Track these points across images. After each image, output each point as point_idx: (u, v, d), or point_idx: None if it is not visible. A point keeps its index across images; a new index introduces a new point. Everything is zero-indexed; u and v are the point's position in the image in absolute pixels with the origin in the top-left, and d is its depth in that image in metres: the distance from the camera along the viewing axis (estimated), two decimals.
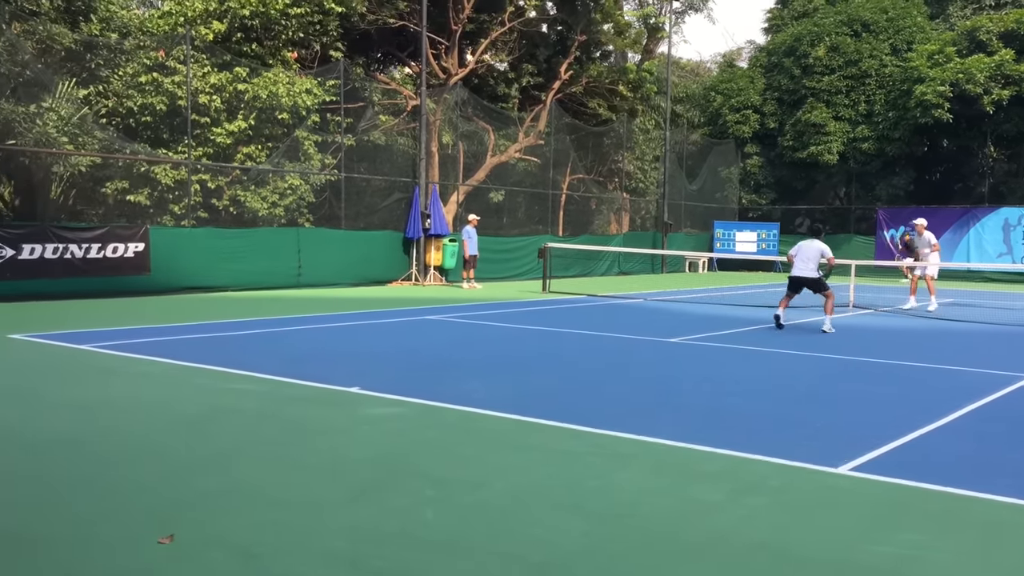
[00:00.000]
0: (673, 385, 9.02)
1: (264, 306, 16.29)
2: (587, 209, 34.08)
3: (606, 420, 7.04)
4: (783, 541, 4.44)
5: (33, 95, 18.08)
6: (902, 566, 4.15)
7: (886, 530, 4.63)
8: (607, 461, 5.93)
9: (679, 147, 37.22)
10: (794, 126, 35.80)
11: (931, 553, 4.32)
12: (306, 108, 21.70)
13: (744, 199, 38.48)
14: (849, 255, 32.34)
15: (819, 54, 35.48)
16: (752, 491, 5.27)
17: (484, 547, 4.29)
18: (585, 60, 31.77)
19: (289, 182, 21.72)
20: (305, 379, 8.62)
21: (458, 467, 5.72)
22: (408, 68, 30.11)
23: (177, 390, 8.12)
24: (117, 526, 4.48)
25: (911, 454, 6.23)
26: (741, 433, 6.77)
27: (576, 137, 31.50)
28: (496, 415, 7.22)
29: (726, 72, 41.43)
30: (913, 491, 5.33)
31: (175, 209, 19.98)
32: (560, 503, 5.00)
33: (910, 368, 10.39)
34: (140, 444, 6.15)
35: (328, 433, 6.57)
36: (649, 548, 4.33)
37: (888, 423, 7.14)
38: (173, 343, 11.15)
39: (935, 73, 31.51)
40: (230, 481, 5.29)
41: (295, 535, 4.38)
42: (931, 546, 4.41)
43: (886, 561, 4.20)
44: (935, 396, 8.55)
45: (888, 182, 34.76)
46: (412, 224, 23.95)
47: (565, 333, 13.27)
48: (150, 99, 19.79)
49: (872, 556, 4.25)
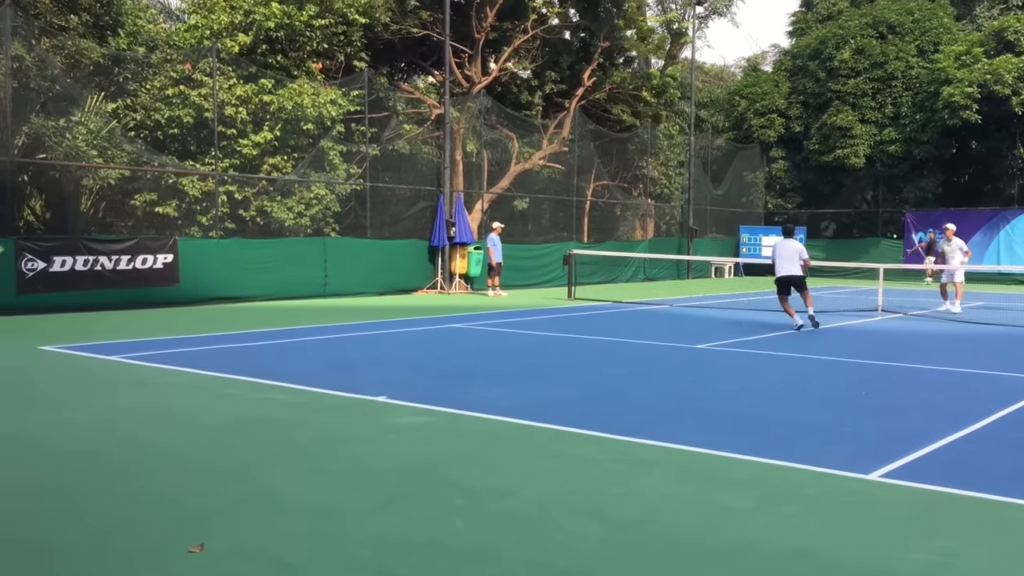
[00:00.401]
0: (699, 391, 8.96)
1: (291, 316, 16.39)
2: (612, 215, 34.01)
3: (631, 427, 7.02)
4: (814, 548, 4.40)
5: (63, 109, 18.33)
6: (936, 573, 4.09)
7: (919, 537, 4.57)
8: (631, 468, 5.91)
9: (704, 152, 37.07)
10: (820, 129, 35.56)
11: (965, 560, 4.26)
12: (331, 118, 21.84)
13: (770, 203, 38.25)
14: (877, 259, 32.09)
15: (844, 57, 35.23)
16: (781, 498, 5.22)
17: (511, 555, 4.28)
18: (608, 66, 31.75)
19: (315, 192, 21.85)
20: (332, 388, 8.66)
21: (485, 475, 5.72)
22: (432, 77, 30.22)
23: (206, 400, 8.18)
24: (148, 536, 4.51)
25: (944, 460, 6.16)
26: (769, 439, 6.72)
27: (600, 143, 31.46)
28: (522, 423, 7.22)
29: (750, 76, 41.25)
30: (946, 497, 5.26)
31: (203, 220, 20.16)
32: (585, 510, 4.98)
33: (941, 373, 10.27)
34: (169, 454, 6.20)
35: (355, 442, 6.59)
36: (674, 555, 4.30)
37: (920, 428, 7.06)
38: (201, 353, 11.23)
39: (962, 74, 31.20)
40: (259, 490, 5.32)
41: (324, 544, 4.39)
42: (965, 553, 4.35)
43: (920, 568, 4.14)
44: (967, 401, 8.44)
45: (916, 185, 34.44)
46: (437, 232, 24.01)
47: (590, 340, 13.24)
48: (177, 112, 20.00)
49: (905, 563, 4.20)
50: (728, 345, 12.54)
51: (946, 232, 20.26)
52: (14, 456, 6.07)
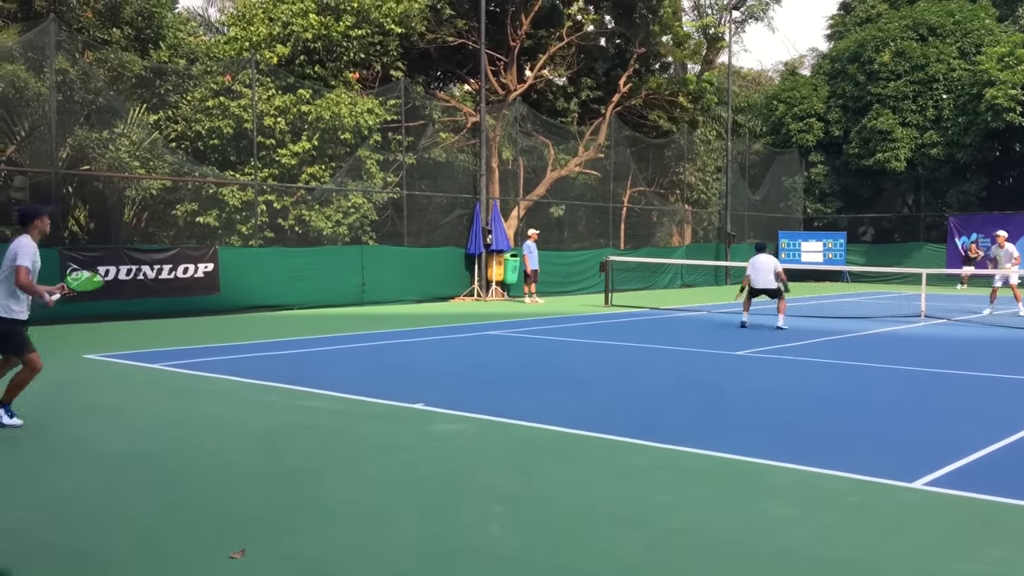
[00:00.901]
0: (740, 399, 8.89)
1: (329, 323, 16.50)
2: (648, 222, 33.86)
3: (671, 434, 6.97)
4: (858, 558, 4.34)
5: (106, 121, 18.66)
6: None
7: (966, 546, 4.49)
8: (673, 476, 5.87)
9: (741, 157, 36.81)
10: (859, 133, 35.14)
11: (1016, 572, 4.17)
12: (368, 127, 22.00)
13: (809, 208, 37.85)
14: (920, 264, 31.62)
15: (884, 59, 34.81)
16: (824, 506, 5.16)
17: (551, 562, 4.27)
18: (644, 72, 31.66)
19: (352, 201, 22.02)
20: (371, 396, 8.70)
21: (524, 483, 5.71)
22: (467, 85, 30.33)
23: (249, 408, 8.26)
24: (189, 542, 4.56)
25: (990, 468, 6.05)
26: (811, 447, 6.65)
27: (636, 150, 31.36)
28: (561, 430, 7.20)
29: (788, 80, 40.88)
30: (994, 506, 5.16)
31: (243, 229, 20.39)
32: (625, 518, 4.95)
33: (986, 379, 10.09)
34: (213, 460, 6.26)
35: (394, 449, 6.62)
36: (718, 563, 4.27)
37: (965, 436, 6.94)
38: (243, 361, 11.35)
39: (1006, 76, 30.68)
40: (301, 497, 5.36)
41: (365, 551, 4.41)
42: (1017, 564, 4.26)
43: None
44: (1013, 408, 8.28)
45: (959, 188, 33.90)
46: (473, 240, 24.07)
47: (628, 347, 13.18)
48: (217, 123, 20.27)
49: (952, 574, 4.13)
50: (767, 352, 12.42)
51: (998, 239, 20.04)
52: (66, 462, 6.17)
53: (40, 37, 16.95)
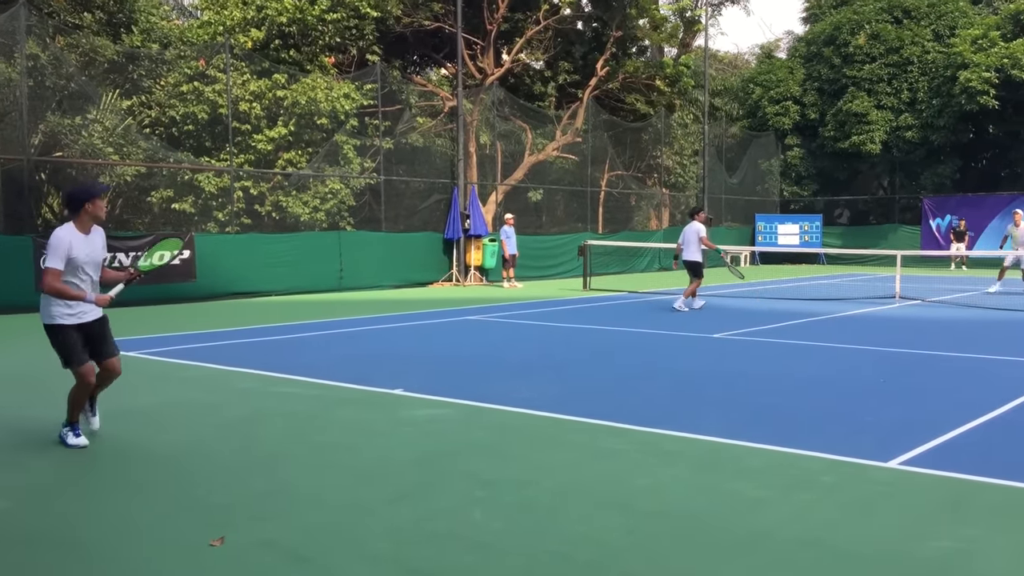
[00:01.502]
0: (716, 381, 8.95)
1: (307, 310, 16.45)
2: (626, 205, 33.91)
3: (651, 418, 7.01)
4: (833, 537, 4.39)
5: (78, 107, 18.44)
6: (956, 561, 4.08)
7: (938, 524, 4.55)
8: (651, 458, 5.91)
9: (718, 141, 36.90)
10: (835, 116, 35.32)
11: (986, 548, 4.24)
12: (344, 112, 21.87)
13: (786, 191, 38.05)
14: (895, 245, 31.90)
15: (859, 42, 34.95)
16: (800, 487, 5.22)
17: (532, 546, 4.30)
18: (621, 56, 31.61)
19: (329, 186, 21.90)
20: (349, 382, 8.69)
21: (503, 467, 5.74)
22: (444, 69, 30.20)
23: (225, 395, 8.23)
24: (168, 530, 4.55)
25: (965, 447, 6.13)
26: (788, 428, 6.71)
27: (614, 133, 31.36)
28: (540, 414, 7.23)
29: (764, 63, 40.97)
30: (968, 484, 5.24)
31: (219, 216, 20.25)
32: (605, 501, 4.99)
33: (960, 359, 10.21)
34: (189, 447, 6.24)
35: (373, 435, 6.62)
36: (696, 545, 4.31)
37: (940, 416, 7.03)
38: (220, 348, 11.30)
39: (979, 58, 30.90)
40: (278, 483, 5.36)
41: (343, 537, 4.42)
42: (986, 541, 4.33)
43: (938, 555, 4.13)
44: (988, 387, 8.38)
45: (933, 171, 34.17)
46: (451, 225, 24.03)
47: (607, 331, 13.23)
48: (192, 108, 20.08)
49: (924, 551, 4.19)
50: (745, 334, 12.51)
51: (1015, 217, 20.16)
52: (40, 450, 6.13)
53: (10, 22, 16.70)
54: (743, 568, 4.02)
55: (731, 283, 23.40)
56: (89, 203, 6.03)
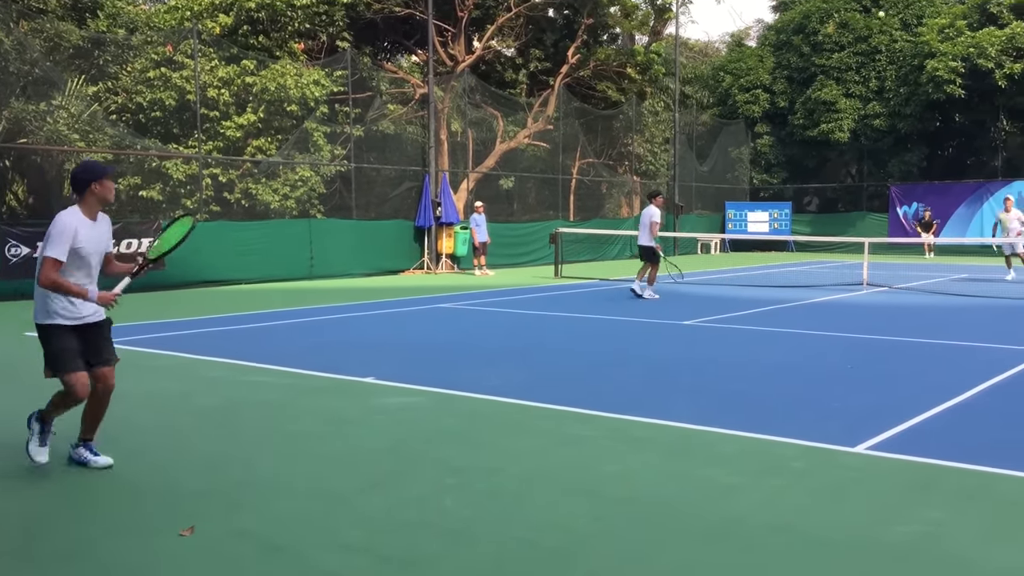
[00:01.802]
0: (687, 368, 9.01)
1: (277, 298, 16.35)
2: (598, 193, 33.97)
3: (621, 404, 7.04)
4: (800, 521, 4.44)
5: (43, 93, 18.16)
6: (922, 544, 4.14)
7: (905, 508, 4.61)
8: (620, 445, 5.94)
9: (689, 128, 37.04)
10: (804, 104, 35.57)
11: (952, 531, 4.31)
12: (314, 99, 21.71)
13: (755, 179, 38.30)
14: (863, 232, 32.20)
15: (828, 31, 35.20)
16: (770, 473, 5.27)
17: (501, 533, 4.31)
18: (592, 43, 31.61)
19: (300, 174, 21.76)
20: (320, 370, 8.66)
21: (474, 454, 5.74)
22: (415, 56, 30.04)
23: (194, 384, 8.16)
24: (137, 519, 4.52)
25: (931, 432, 6.21)
26: (758, 415, 6.77)
27: (585, 121, 31.38)
28: (511, 402, 7.24)
29: (735, 52, 41.13)
30: (934, 468, 5.31)
31: (187, 203, 20.06)
32: (574, 488, 5.01)
33: (927, 345, 10.34)
34: (159, 437, 6.19)
35: (343, 423, 6.60)
36: (665, 531, 4.34)
37: (906, 401, 7.12)
38: (189, 337, 11.21)
39: (946, 48, 31.21)
40: (250, 473, 5.33)
41: (315, 526, 4.41)
42: (952, 524, 4.40)
43: (905, 539, 4.19)
44: (953, 373, 8.51)
45: (900, 159, 34.52)
46: (423, 212, 23.95)
47: (578, 318, 13.27)
48: (159, 94, 19.84)
49: (891, 535, 4.24)
50: (715, 321, 12.59)
51: (1006, 203, 20.27)
52: (5, 442, 6.05)
53: None
54: (713, 554, 4.06)
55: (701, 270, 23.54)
56: (96, 183, 5.22)
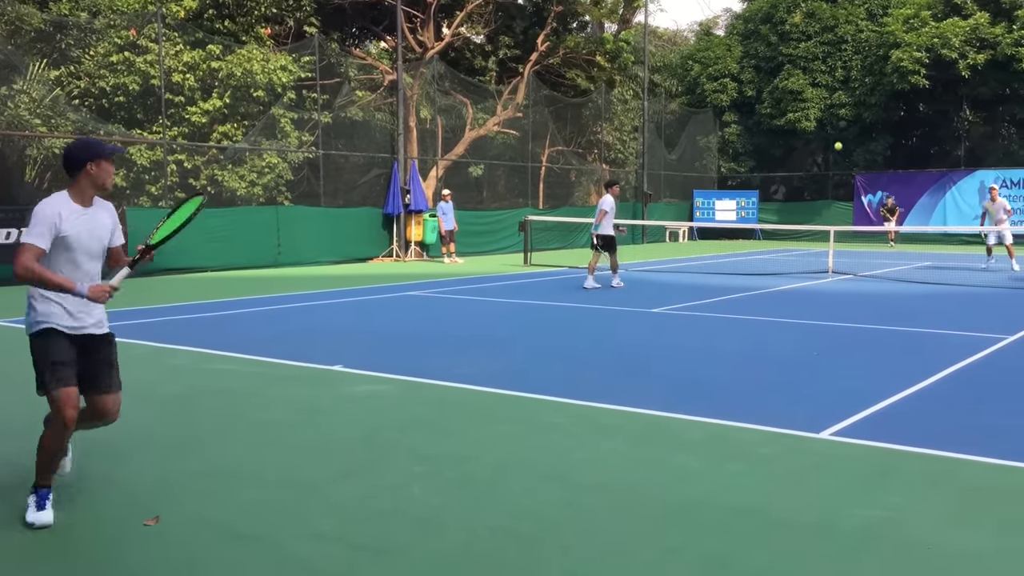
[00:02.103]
0: (655, 355, 9.06)
1: (244, 286, 16.22)
2: (567, 181, 34.00)
3: (590, 392, 7.07)
4: (765, 505, 4.49)
5: (3, 77, 17.83)
6: (884, 528, 4.20)
7: (867, 492, 4.68)
8: (589, 432, 5.97)
9: (658, 117, 37.16)
10: (772, 93, 35.80)
11: (912, 515, 4.38)
12: (282, 85, 21.51)
13: (723, 167, 38.52)
14: (828, 221, 32.53)
15: (795, 20, 35.43)
16: (736, 458, 5.32)
17: (472, 520, 4.32)
18: (562, 31, 31.58)
19: (267, 160, 21.56)
20: (287, 358, 8.61)
21: (444, 443, 5.74)
22: (384, 42, 29.84)
23: (159, 372, 8.08)
24: (100, 510, 4.47)
25: (893, 418, 6.30)
26: (724, 401, 6.82)
27: (554, 109, 31.37)
28: (480, 389, 7.24)
29: (703, 40, 41.28)
30: (895, 454, 5.39)
31: (152, 190, 19.81)
32: (545, 475, 5.03)
33: (890, 332, 10.47)
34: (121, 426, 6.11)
35: (312, 412, 6.57)
36: (634, 516, 4.37)
37: (870, 387, 7.21)
38: (153, 325, 11.09)
39: (911, 38, 31.53)
40: (216, 462, 5.29)
41: (283, 515, 4.39)
42: (912, 508, 4.47)
43: (866, 523, 4.25)
44: (916, 360, 8.62)
45: (865, 148, 34.87)
46: (392, 200, 23.84)
47: (547, 306, 13.29)
48: (123, 79, 19.55)
49: (852, 518, 4.31)
50: (683, 309, 12.67)
51: (991, 192, 20.38)
52: None
53: None
54: (680, 537, 4.10)
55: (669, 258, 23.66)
56: (92, 163, 4.39)
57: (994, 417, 6.36)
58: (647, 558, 3.88)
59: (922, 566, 3.80)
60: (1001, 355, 8.84)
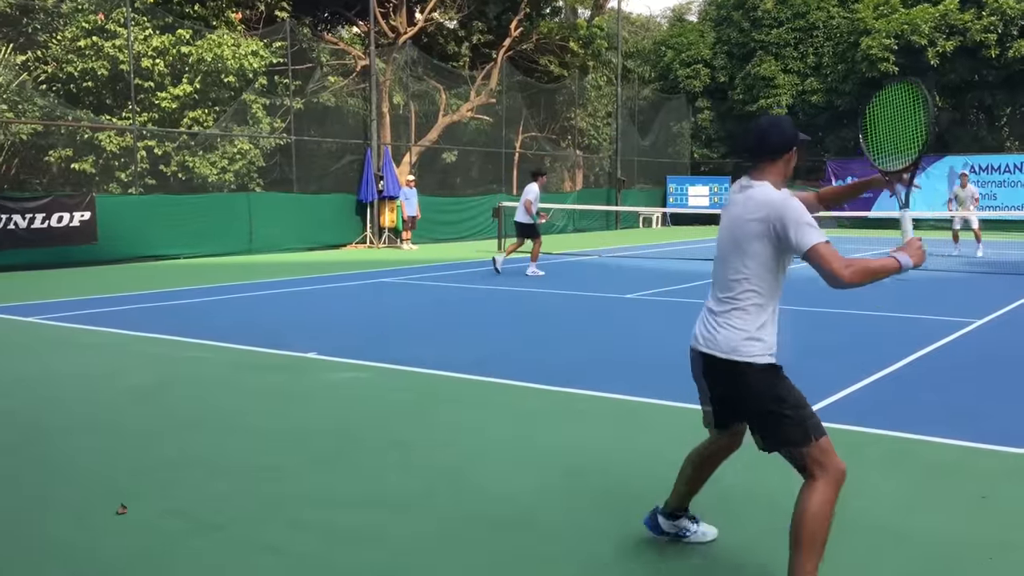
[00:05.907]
0: (628, 341, 9.10)
1: (216, 273, 16.09)
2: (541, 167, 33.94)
3: (564, 377, 7.10)
4: (736, 485, 4.54)
5: None
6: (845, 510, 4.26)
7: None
8: (564, 417, 5.99)
9: (631, 103, 37.20)
10: (744, 79, 35.96)
11: (876, 496, 4.44)
12: (253, 70, 21.29)
13: (696, 153, 38.67)
14: None
15: (768, 7, 35.56)
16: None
17: (447, 507, 4.33)
18: (535, 17, 31.49)
19: (238, 147, 21.36)
20: (261, 346, 8.56)
21: (419, 429, 5.74)
22: (356, 28, 29.62)
23: (130, 360, 8.01)
24: (72, 500, 4.43)
25: (860, 401, 6.37)
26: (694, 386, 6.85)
27: (528, 95, 31.31)
28: (454, 376, 7.25)
29: (676, 26, 41.38)
30: (860, 436, 5.46)
31: (122, 176, 19.58)
32: (521, 460, 5.05)
33: (859, 317, 10.58)
34: (92, 415, 6.07)
35: (286, 399, 6.54)
36: (608, 499, 4.40)
37: (839, 371, 7.29)
38: (124, 313, 10.98)
39: (881, 24, 31.75)
40: (188, 451, 5.26)
41: (256, 504, 4.37)
42: (876, 489, 4.53)
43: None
44: (885, 343, 8.72)
45: (837, 134, 35.13)
46: (365, 186, 23.72)
47: (521, 292, 13.30)
48: (91, 64, 19.26)
49: None
50: (656, 295, 12.72)
51: (961, 178, 20.61)
52: None
53: None
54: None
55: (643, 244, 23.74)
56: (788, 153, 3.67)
57: (962, 397, 6.44)
58: (623, 542, 3.91)
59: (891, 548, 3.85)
60: (969, 339, 8.96)
